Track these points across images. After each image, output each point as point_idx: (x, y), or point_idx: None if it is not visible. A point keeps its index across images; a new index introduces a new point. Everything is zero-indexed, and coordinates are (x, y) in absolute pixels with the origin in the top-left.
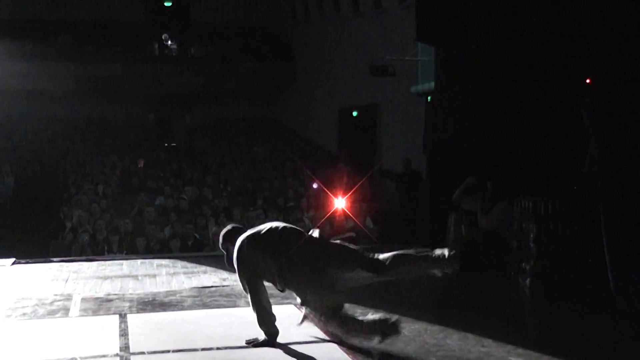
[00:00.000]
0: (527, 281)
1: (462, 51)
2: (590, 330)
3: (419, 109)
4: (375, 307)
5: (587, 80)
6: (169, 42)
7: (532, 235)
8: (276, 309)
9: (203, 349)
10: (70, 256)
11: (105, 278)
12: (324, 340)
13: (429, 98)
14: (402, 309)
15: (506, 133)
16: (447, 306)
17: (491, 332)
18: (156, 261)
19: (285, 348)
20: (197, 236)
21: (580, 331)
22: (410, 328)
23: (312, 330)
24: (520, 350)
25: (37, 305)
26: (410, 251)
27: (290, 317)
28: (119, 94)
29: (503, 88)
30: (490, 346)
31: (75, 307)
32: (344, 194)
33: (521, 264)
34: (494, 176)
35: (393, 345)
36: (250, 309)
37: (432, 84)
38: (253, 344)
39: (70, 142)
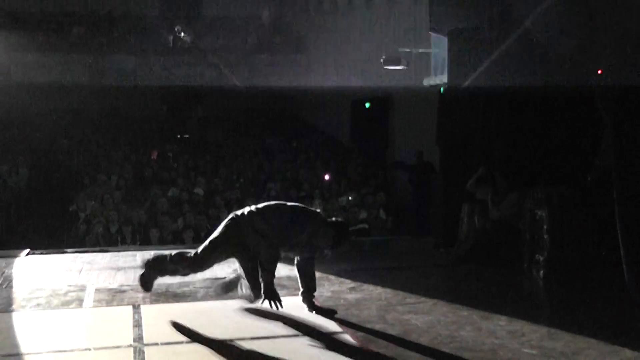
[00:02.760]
0: (541, 272)
1: (475, 42)
2: (604, 321)
3: (432, 100)
4: (387, 299)
5: (599, 71)
6: (182, 34)
7: (545, 226)
8: (290, 300)
9: (216, 340)
10: (83, 247)
11: (119, 269)
12: (336, 332)
13: (441, 90)
14: (416, 301)
15: (519, 124)
16: (460, 298)
17: (504, 324)
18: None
19: (298, 339)
20: (210, 227)
21: (594, 322)
22: (423, 320)
23: (323, 320)
24: (533, 342)
25: (51, 295)
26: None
27: (302, 308)
28: (131, 85)
29: (516, 79)
30: (503, 338)
31: (89, 297)
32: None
33: (534, 255)
34: (505, 167)
35: (406, 336)
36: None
37: (445, 75)
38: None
39: (84, 133)
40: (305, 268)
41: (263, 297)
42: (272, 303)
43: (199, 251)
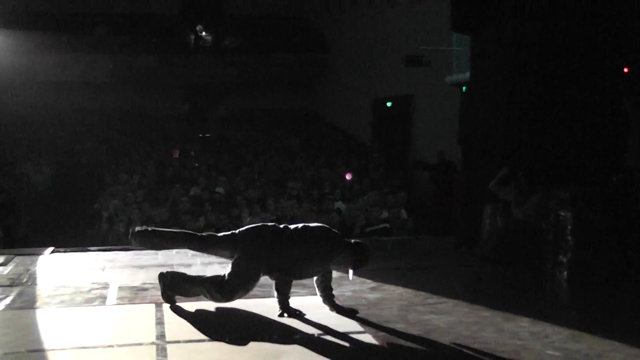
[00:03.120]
0: (564, 273)
1: (498, 41)
2: (629, 323)
3: (454, 99)
4: (408, 299)
5: (625, 70)
6: (204, 33)
7: (569, 227)
8: (311, 299)
9: (238, 339)
10: (106, 245)
11: (141, 267)
12: (357, 332)
13: (463, 88)
14: (437, 301)
15: (542, 123)
16: (482, 299)
17: (527, 325)
18: (191, 251)
19: (319, 339)
20: (232, 226)
21: (619, 324)
22: (445, 320)
23: (345, 320)
24: (557, 344)
25: (74, 293)
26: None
27: (323, 307)
28: (154, 85)
29: (539, 78)
30: (526, 339)
31: (111, 295)
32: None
33: (558, 256)
34: (528, 167)
35: (427, 336)
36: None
37: (467, 74)
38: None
39: (106, 132)
40: (323, 281)
41: (280, 312)
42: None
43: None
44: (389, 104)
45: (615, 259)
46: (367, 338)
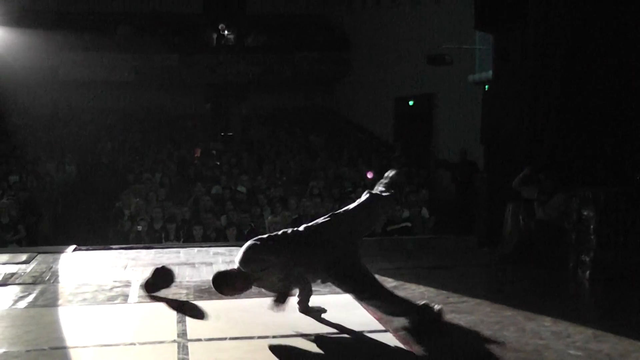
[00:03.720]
0: (587, 273)
1: (521, 39)
2: None
3: (476, 98)
4: (430, 298)
5: None
6: (226, 32)
7: (592, 226)
8: (333, 298)
9: (259, 337)
10: (128, 243)
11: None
12: (378, 330)
13: (486, 87)
14: (459, 300)
15: (566, 122)
16: (503, 298)
17: (549, 324)
18: (213, 249)
19: (340, 337)
20: (253, 225)
21: None
22: (466, 320)
23: (366, 319)
24: (579, 344)
25: (97, 291)
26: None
27: (345, 306)
28: (176, 83)
29: (563, 77)
30: (548, 339)
31: (133, 293)
32: None
33: (580, 256)
34: (550, 167)
35: (449, 336)
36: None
37: (490, 72)
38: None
39: (129, 131)
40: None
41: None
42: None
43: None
44: (411, 103)
45: (638, 258)
46: (388, 337)
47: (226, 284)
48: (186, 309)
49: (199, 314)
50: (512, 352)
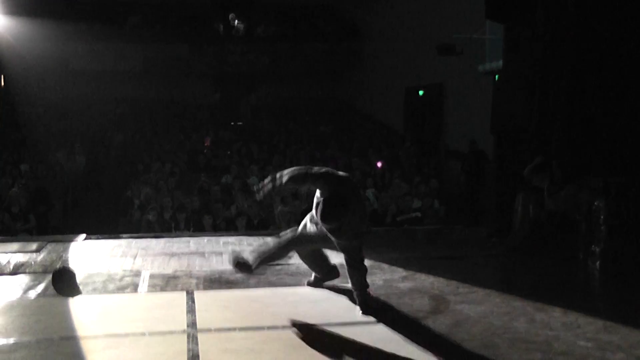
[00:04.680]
0: (597, 264)
1: (532, 29)
2: None
3: (486, 88)
4: (439, 289)
5: None
6: (236, 22)
7: (602, 217)
8: (340, 289)
9: (269, 328)
10: (138, 233)
11: (173, 255)
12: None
13: (496, 77)
14: (469, 291)
15: (576, 112)
16: (513, 289)
17: (559, 315)
18: (222, 239)
19: (350, 328)
20: (263, 214)
21: None
22: (476, 310)
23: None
24: (589, 335)
25: (106, 280)
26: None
27: (351, 296)
28: (186, 73)
29: (573, 66)
30: (558, 330)
31: (143, 283)
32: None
33: (590, 246)
34: (562, 156)
35: (459, 326)
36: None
37: (500, 62)
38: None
39: (139, 121)
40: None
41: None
42: None
43: None
44: (421, 93)
45: None
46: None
47: None
48: (196, 299)
49: (209, 304)
50: (522, 342)
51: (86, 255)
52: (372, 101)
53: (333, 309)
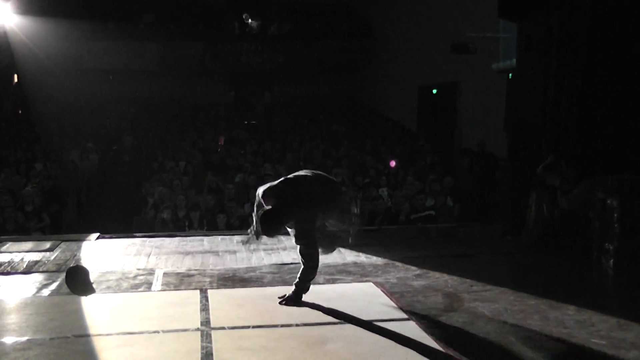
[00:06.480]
0: (611, 262)
1: (545, 28)
2: None
3: (500, 86)
4: (453, 287)
5: None
6: (250, 20)
7: (616, 215)
8: (356, 286)
9: (282, 326)
10: (152, 232)
11: (187, 253)
12: (402, 319)
13: (510, 75)
14: (482, 289)
15: (589, 110)
16: (527, 286)
17: (573, 313)
18: (236, 237)
19: (363, 326)
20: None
21: None
22: (490, 308)
23: (390, 308)
24: (603, 333)
25: (120, 279)
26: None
27: (368, 294)
28: (200, 72)
29: (586, 65)
30: (571, 327)
31: (157, 281)
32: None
33: (604, 244)
34: (575, 154)
35: (473, 324)
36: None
37: (514, 61)
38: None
39: (153, 120)
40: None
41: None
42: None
43: None
44: (434, 91)
45: None
46: (412, 325)
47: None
48: (210, 297)
49: (222, 302)
50: (536, 340)
51: (100, 253)
52: (386, 99)
53: (347, 307)
